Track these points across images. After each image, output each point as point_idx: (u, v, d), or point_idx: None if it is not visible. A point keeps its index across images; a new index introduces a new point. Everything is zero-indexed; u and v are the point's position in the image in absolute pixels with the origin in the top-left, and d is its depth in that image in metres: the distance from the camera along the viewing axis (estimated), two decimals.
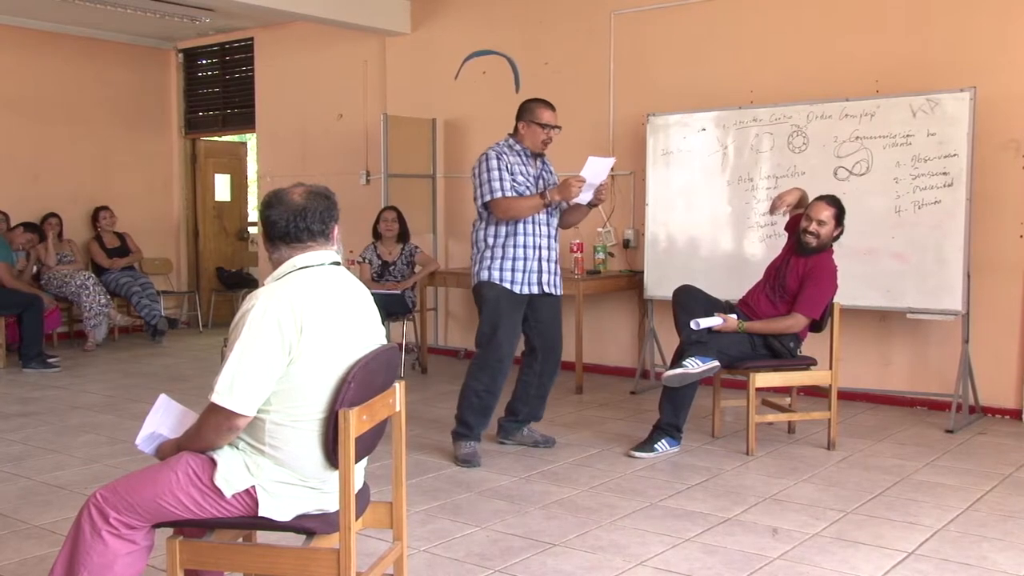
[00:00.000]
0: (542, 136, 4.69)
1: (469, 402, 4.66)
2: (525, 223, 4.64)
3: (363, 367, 2.36)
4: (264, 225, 2.50)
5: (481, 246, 4.70)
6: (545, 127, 4.69)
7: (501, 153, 4.65)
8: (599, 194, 4.68)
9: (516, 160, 4.67)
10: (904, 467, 4.49)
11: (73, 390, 6.49)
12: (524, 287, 4.65)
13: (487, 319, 4.65)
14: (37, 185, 8.73)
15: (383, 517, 2.66)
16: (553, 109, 4.75)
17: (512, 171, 4.62)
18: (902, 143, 5.49)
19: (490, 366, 4.64)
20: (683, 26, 6.55)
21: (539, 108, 4.72)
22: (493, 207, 4.60)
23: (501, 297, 4.62)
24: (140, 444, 2.52)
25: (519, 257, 4.64)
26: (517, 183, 4.62)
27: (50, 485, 4.24)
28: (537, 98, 4.80)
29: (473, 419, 4.65)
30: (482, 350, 4.66)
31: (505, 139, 4.74)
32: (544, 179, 4.78)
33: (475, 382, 4.66)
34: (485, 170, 4.62)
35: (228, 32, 9.33)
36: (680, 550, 3.41)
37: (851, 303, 5.36)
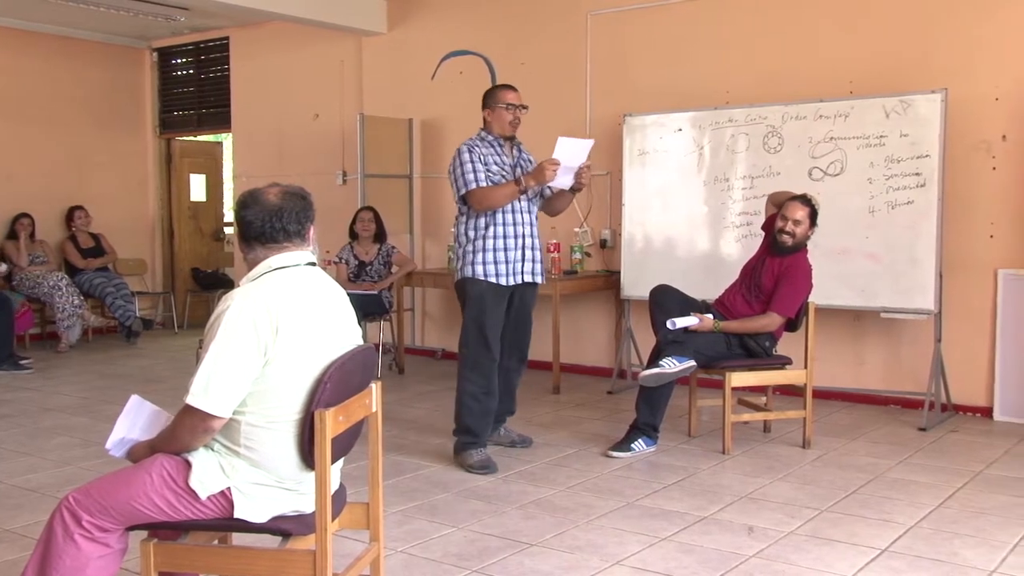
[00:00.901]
0: (509, 117, 4.62)
1: (468, 407, 4.53)
2: (505, 213, 4.57)
3: (339, 368, 2.36)
4: (239, 225, 2.48)
5: (463, 240, 4.64)
6: (510, 107, 4.61)
7: (473, 146, 4.59)
8: (580, 177, 4.57)
9: (489, 151, 4.60)
10: (878, 465, 4.53)
11: (46, 392, 6.42)
12: (509, 278, 4.58)
13: (473, 318, 4.58)
14: (9, 185, 8.63)
15: (360, 518, 2.65)
16: (515, 90, 4.69)
17: (486, 162, 4.55)
18: (875, 144, 5.54)
19: (482, 365, 4.55)
20: (660, 27, 6.58)
21: (501, 91, 4.68)
22: (470, 199, 4.54)
23: (485, 293, 4.55)
24: (110, 448, 2.49)
25: (501, 248, 4.57)
26: (492, 173, 4.55)
27: (22, 488, 4.20)
28: (499, 84, 4.77)
29: (476, 424, 4.53)
30: (471, 350, 4.56)
31: (477, 133, 4.70)
32: (522, 167, 4.70)
33: (470, 384, 4.54)
34: (459, 164, 4.56)
35: (203, 31, 9.27)
36: (657, 549, 3.42)
37: (826, 302, 5.40)
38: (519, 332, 4.76)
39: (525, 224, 4.64)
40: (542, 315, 7.00)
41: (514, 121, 4.65)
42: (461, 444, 4.55)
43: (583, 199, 6.93)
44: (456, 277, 4.69)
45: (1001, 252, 5.48)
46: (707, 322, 4.78)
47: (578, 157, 4.52)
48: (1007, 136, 5.43)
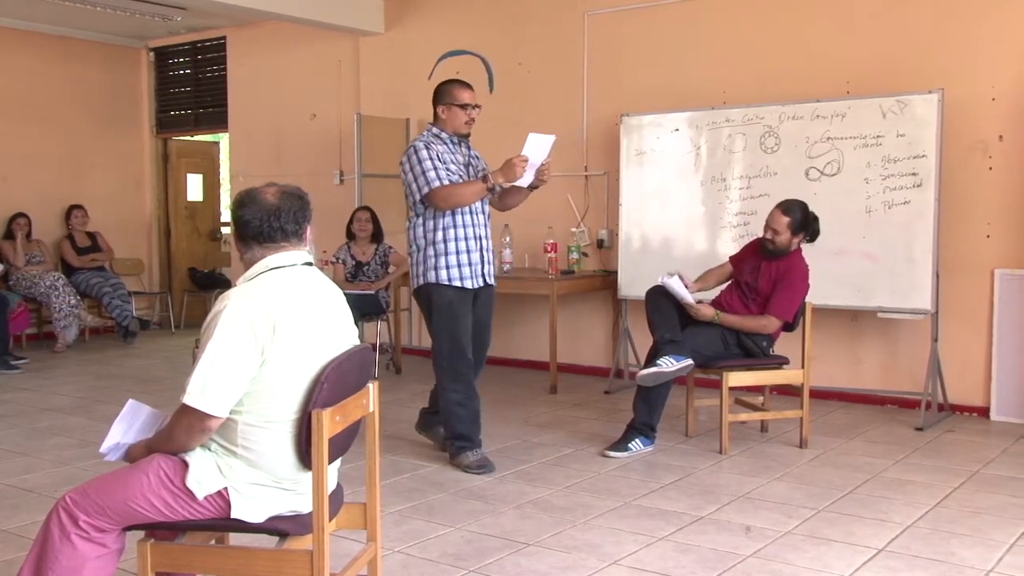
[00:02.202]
0: (464, 117, 4.52)
1: (456, 415, 4.49)
2: (464, 214, 4.46)
3: (336, 367, 2.36)
4: (237, 225, 2.48)
5: (421, 243, 4.50)
6: (465, 107, 4.52)
7: (429, 143, 4.47)
8: (540, 175, 4.48)
9: (444, 148, 4.50)
10: (875, 465, 4.54)
11: (43, 392, 6.41)
12: (475, 280, 4.50)
13: (443, 327, 4.47)
14: (6, 185, 8.62)
15: (357, 518, 2.65)
16: (471, 88, 4.60)
17: (443, 159, 4.44)
18: (872, 144, 5.54)
19: (462, 373, 4.49)
20: (657, 27, 6.58)
21: (456, 89, 4.55)
22: (433, 198, 4.37)
23: (453, 300, 4.44)
24: (106, 453, 2.49)
25: (463, 250, 4.46)
26: (451, 172, 4.44)
27: (19, 488, 4.19)
28: (452, 79, 4.66)
29: (466, 429, 4.51)
30: (448, 361, 4.48)
31: (428, 129, 4.58)
32: (473, 166, 4.60)
33: (454, 394, 4.49)
34: (416, 162, 4.41)
35: (200, 31, 9.27)
36: (654, 549, 3.43)
37: (823, 302, 5.41)
38: (480, 335, 4.65)
39: (481, 225, 4.56)
40: (539, 315, 7.02)
41: (469, 121, 4.55)
42: (456, 449, 4.52)
43: (580, 199, 6.94)
44: (415, 283, 4.56)
45: (998, 252, 5.49)
46: (707, 310, 4.78)
47: (542, 153, 4.42)
48: (1004, 136, 5.44)
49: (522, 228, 7.02)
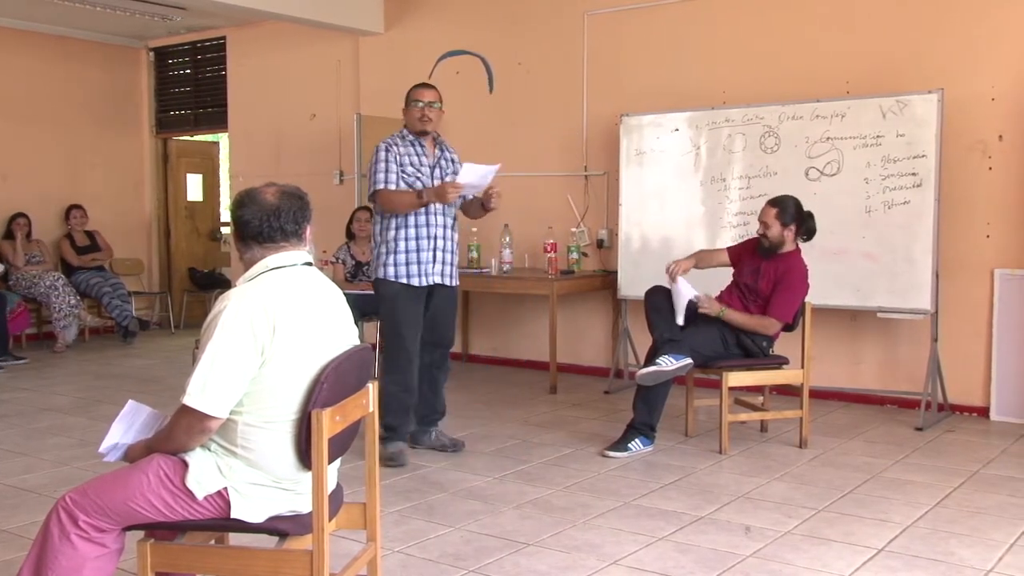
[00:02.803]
0: (417, 114, 4.60)
1: (388, 405, 4.58)
2: (419, 215, 4.57)
3: (336, 368, 2.36)
4: (236, 225, 2.48)
5: (378, 240, 4.67)
6: (418, 103, 4.59)
7: (392, 144, 4.60)
8: (488, 202, 4.61)
9: (408, 150, 4.60)
10: (874, 465, 4.54)
11: (42, 392, 6.41)
12: (422, 279, 4.60)
13: (387, 319, 4.66)
14: (6, 185, 8.62)
15: (357, 518, 2.65)
16: (430, 88, 4.69)
17: (401, 162, 4.56)
18: (872, 144, 5.54)
19: (400, 365, 4.60)
20: (656, 27, 6.58)
21: (414, 90, 4.67)
22: (375, 199, 4.59)
23: (398, 295, 4.60)
24: (104, 453, 2.49)
25: (413, 249, 4.58)
26: (407, 174, 4.56)
27: (18, 488, 4.19)
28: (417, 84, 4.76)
29: (395, 420, 4.62)
30: (388, 351, 4.64)
31: (399, 130, 4.70)
32: (442, 168, 4.68)
33: (391, 385, 4.60)
34: (373, 163, 4.58)
35: (200, 31, 9.26)
36: (653, 549, 3.43)
37: (822, 302, 5.41)
38: (437, 333, 4.75)
39: (437, 226, 4.63)
40: (539, 315, 7.02)
41: (423, 118, 4.61)
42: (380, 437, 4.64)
43: (580, 199, 6.94)
44: (372, 278, 4.76)
45: (997, 252, 5.49)
46: (714, 305, 4.79)
47: (484, 180, 4.53)
48: (1003, 136, 5.44)
49: (522, 228, 7.02)
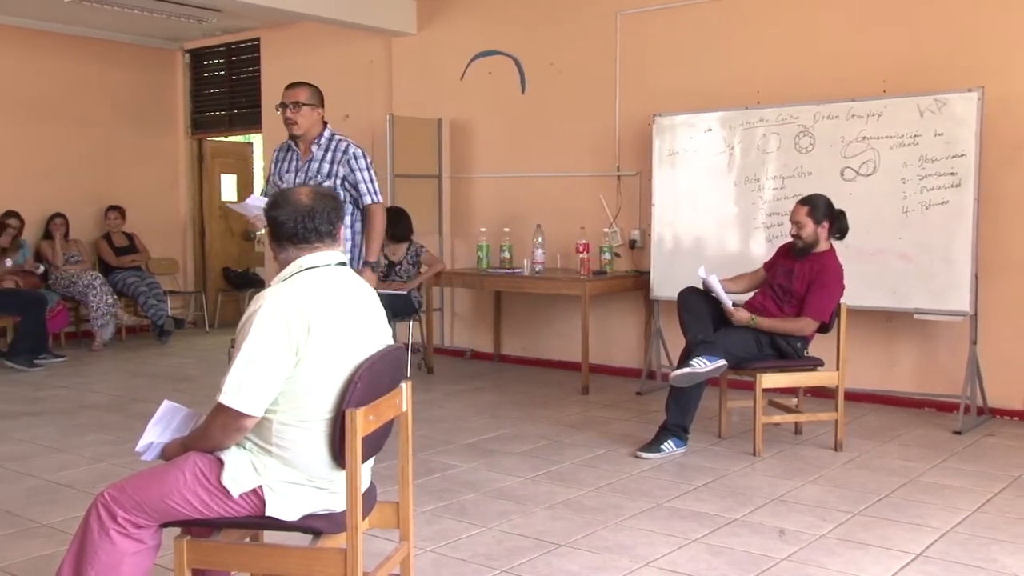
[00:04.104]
0: (283, 115, 4.40)
1: None
2: None
3: (369, 367, 2.36)
4: (271, 225, 2.50)
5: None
6: (282, 105, 4.38)
7: (277, 148, 4.62)
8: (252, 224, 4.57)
9: (284, 155, 4.56)
10: (911, 468, 4.48)
11: (79, 389, 6.50)
12: None
13: None
14: (45, 185, 8.74)
15: (390, 517, 2.66)
16: (297, 86, 4.45)
17: (274, 169, 4.57)
18: (909, 143, 5.47)
19: None
20: (689, 26, 6.55)
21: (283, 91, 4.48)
22: None
23: None
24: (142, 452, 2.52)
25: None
26: (273, 182, 4.54)
27: (57, 484, 4.25)
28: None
29: None
30: None
31: None
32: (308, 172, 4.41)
33: None
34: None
35: (234, 32, 9.35)
36: (686, 551, 3.41)
37: (857, 304, 5.35)
38: None
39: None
40: (571, 315, 7.01)
41: (287, 121, 4.39)
42: None
43: (612, 200, 6.92)
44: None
45: None
46: (742, 315, 4.75)
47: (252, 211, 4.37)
48: None
49: (554, 228, 7.01)
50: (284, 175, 4.48)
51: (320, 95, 4.49)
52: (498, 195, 7.59)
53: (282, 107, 4.40)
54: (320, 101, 4.46)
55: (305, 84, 4.48)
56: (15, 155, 8.58)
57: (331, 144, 4.47)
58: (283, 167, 4.52)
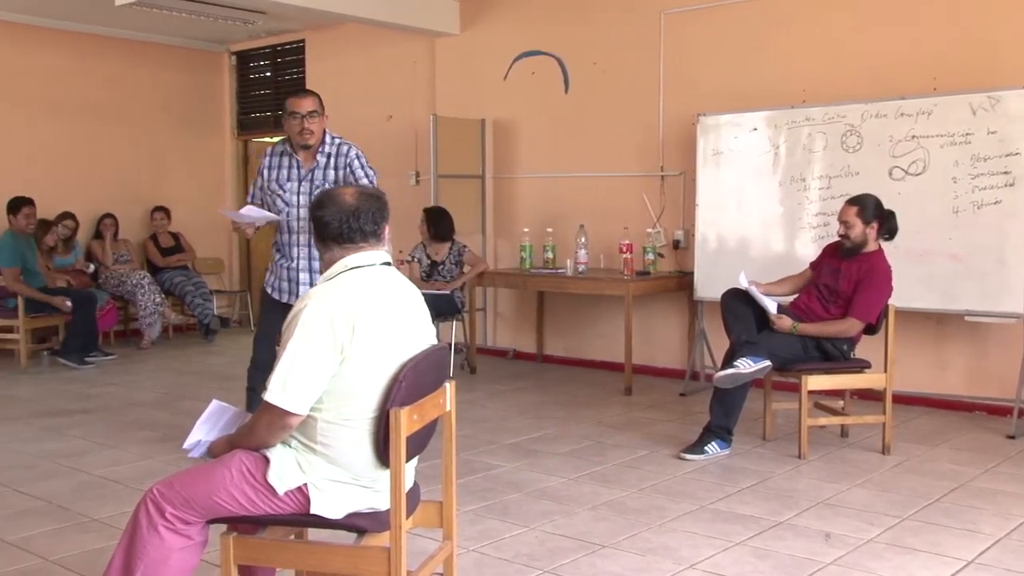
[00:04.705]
0: (296, 127, 4.31)
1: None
2: (282, 233, 4.44)
3: (414, 367, 2.37)
4: (316, 225, 2.51)
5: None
6: (295, 115, 4.30)
7: (269, 154, 4.49)
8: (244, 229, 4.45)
9: (279, 162, 4.43)
10: (962, 473, 4.39)
11: (128, 387, 6.61)
12: (283, 295, 4.47)
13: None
14: (95, 186, 8.91)
15: (433, 516, 2.67)
16: (307, 95, 4.36)
17: (268, 176, 4.43)
18: (961, 142, 5.37)
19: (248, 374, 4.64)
20: (734, 24, 6.49)
21: (289, 98, 4.38)
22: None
23: (263, 303, 4.62)
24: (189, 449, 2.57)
25: (278, 264, 4.51)
26: (271, 189, 4.40)
27: (107, 479, 4.33)
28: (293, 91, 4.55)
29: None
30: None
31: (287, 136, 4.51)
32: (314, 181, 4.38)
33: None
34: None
35: (279, 34, 9.44)
36: (730, 554, 3.37)
37: (906, 305, 5.26)
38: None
39: (301, 245, 4.42)
40: (614, 316, 6.98)
41: (304, 132, 4.31)
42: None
43: (656, 200, 6.88)
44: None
45: None
46: (784, 322, 4.70)
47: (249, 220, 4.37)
48: None
49: (598, 228, 6.99)
50: (285, 184, 4.40)
51: (322, 101, 4.44)
52: (541, 195, 7.58)
53: (292, 117, 4.32)
54: (324, 107, 4.42)
55: (311, 92, 4.44)
56: (67, 156, 8.75)
57: (334, 149, 4.44)
58: (281, 175, 4.42)
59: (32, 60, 8.56)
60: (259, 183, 4.51)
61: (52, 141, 8.66)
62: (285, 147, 4.47)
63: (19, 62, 8.49)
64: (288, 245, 4.45)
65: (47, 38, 8.64)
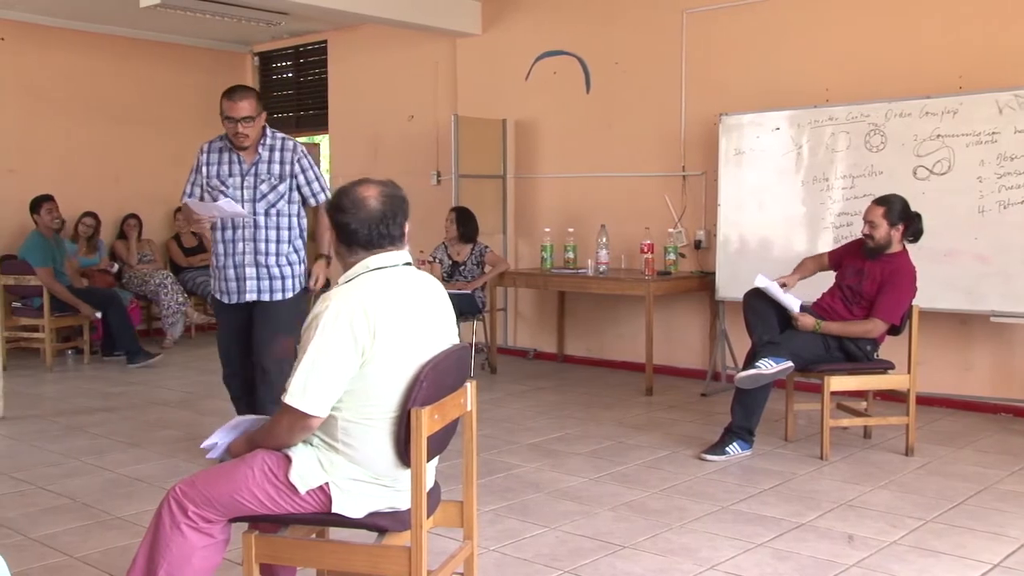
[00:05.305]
0: (232, 130, 4.17)
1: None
2: (225, 230, 4.28)
3: (435, 367, 2.37)
4: (343, 232, 2.45)
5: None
6: (230, 120, 4.14)
7: (206, 150, 4.33)
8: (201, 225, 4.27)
9: (218, 158, 4.30)
10: (987, 475, 4.35)
11: (151, 386, 6.66)
12: (232, 296, 4.32)
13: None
14: (118, 186, 8.99)
15: (453, 516, 2.67)
16: (243, 98, 4.16)
17: (209, 172, 4.29)
18: (987, 141, 5.32)
19: (224, 376, 4.49)
20: (756, 23, 6.45)
21: (223, 100, 4.18)
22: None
23: (216, 308, 4.46)
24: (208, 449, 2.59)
25: (220, 265, 4.34)
26: (213, 185, 4.25)
27: (131, 478, 4.36)
28: (231, 87, 4.28)
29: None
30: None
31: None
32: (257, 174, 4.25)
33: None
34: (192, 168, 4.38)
35: (302, 35, 9.49)
36: (752, 555, 3.36)
37: (930, 306, 5.21)
38: (257, 347, 4.31)
39: (246, 240, 4.26)
40: (635, 316, 6.97)
41: (239, 136, 4.17)
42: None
43: (677, 200, 6.85)
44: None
45: None
46: (807, 320, 4.67)
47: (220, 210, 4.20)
48: None
49: (619, 228, 6.98)
50: (227, 180, 4.26)
51: (260, 98, 4.33)
52: (562, 195, 7.58)
53: (228, 120, 4.17)
54: (261, 106, 4.28)
55: (248, 94, 4.23)
56: (92, 156, 8.84)
57: (276, 143, 4.34)
58: (222, 170, 4.28)
59: (57, 61, 8.66)
60: (197, 179, 4.35)
61: (77, 141, 8.75)
62: (224, 142, 4.33)
63: (44, 63, 8.58)
64: (233, 241, 4.29)
65: (72, 40, 8.73)
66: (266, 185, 4.27)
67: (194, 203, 4.23)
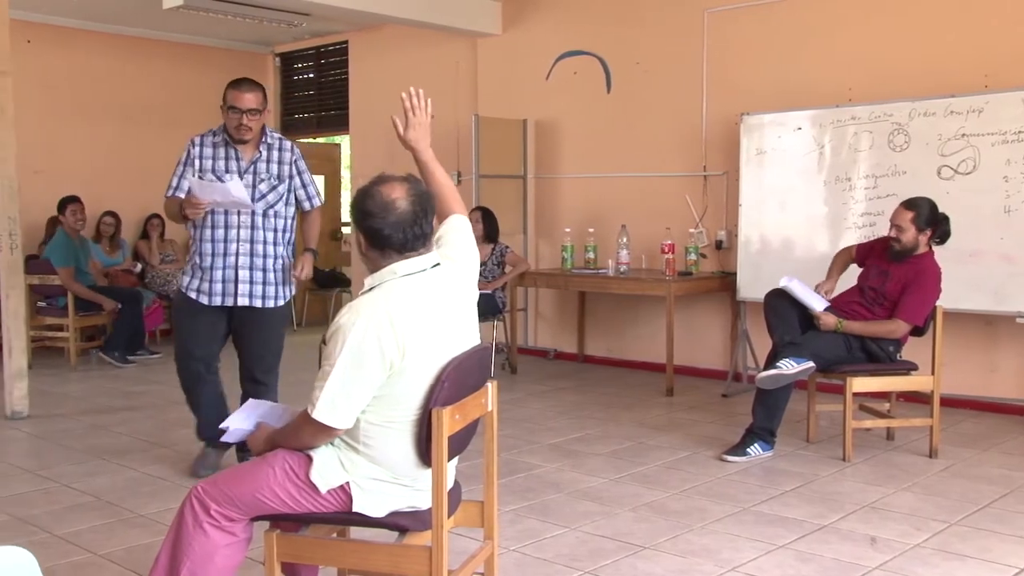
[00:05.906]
0: (235, 121, 4.06)
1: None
2: (211, 228, 4.10)
3: (456, 367, 2.37)
4: (374, 237, 2.38)
5: (189, 246, 4.32)
6: (235, 110, 4.05)
7: (199, 143, 4.18)
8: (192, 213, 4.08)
9: (214, 152, 4.16)
10: (1013, 478, 4.30)
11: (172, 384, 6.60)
12: (215, 298, 4.14)
13: (175, 329, 4.41)
14: (143, 187, 9.04)
15: (474, 516, 2.67)
16: (250, 90, 4.09)
17: (203, 166, 4.12)
18: (1013, 140, 5.27)
19: (182, 376, 4.35)
20: (778, 22, 6.42)
21: (228, 90, 4.10)
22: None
23: (183, 308, 4.24)
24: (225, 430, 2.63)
25: (206, 266, 4.13)
26: (221, 181, 4.09)
27: (153, 476, 4.40)
28: (237, 79, 4.19)
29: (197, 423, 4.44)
30: (176, 363, 4.38)
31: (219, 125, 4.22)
32: (257, 172, 4.15)
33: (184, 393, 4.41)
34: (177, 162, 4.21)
35: (323, 36, 9.52)
36: (773, 557, 3.34)
37: (955, 306, 5.17)
38: (249, 359, 4.30)
39: (241, 241, 4.12)
40: (656, 316, 6.95)
41: (242, 128, 4.07)
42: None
43: (698, 200, 6.83)
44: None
45: None
46: (829, 319, 4.64)
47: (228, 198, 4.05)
48: None
49: (639, 229, 6.96)
50: (224, 176, 4.11)
51: (266, 96, 4.25)
52: (583, 195, 7.56)
53: (232, 111, 4.08)
54: (267, 102, 4.22)
55: (255, 87, 4.16)
56: (115, 157, 8.92)
57: (275, 142, 4.26)
58: (218, 165, 4.14)
59: (81, 63, 8.74)
60: (186, 173, 4.18)
61: (101, 142, 8.83)
62: (219, 136, 4.21)
63: (69, 65, 8.67)
64: (225, 241, 4.12)
65: (96, 41, 8.81)
66: (266, 185, 4.18)
67: (195, 183, 4.03)
